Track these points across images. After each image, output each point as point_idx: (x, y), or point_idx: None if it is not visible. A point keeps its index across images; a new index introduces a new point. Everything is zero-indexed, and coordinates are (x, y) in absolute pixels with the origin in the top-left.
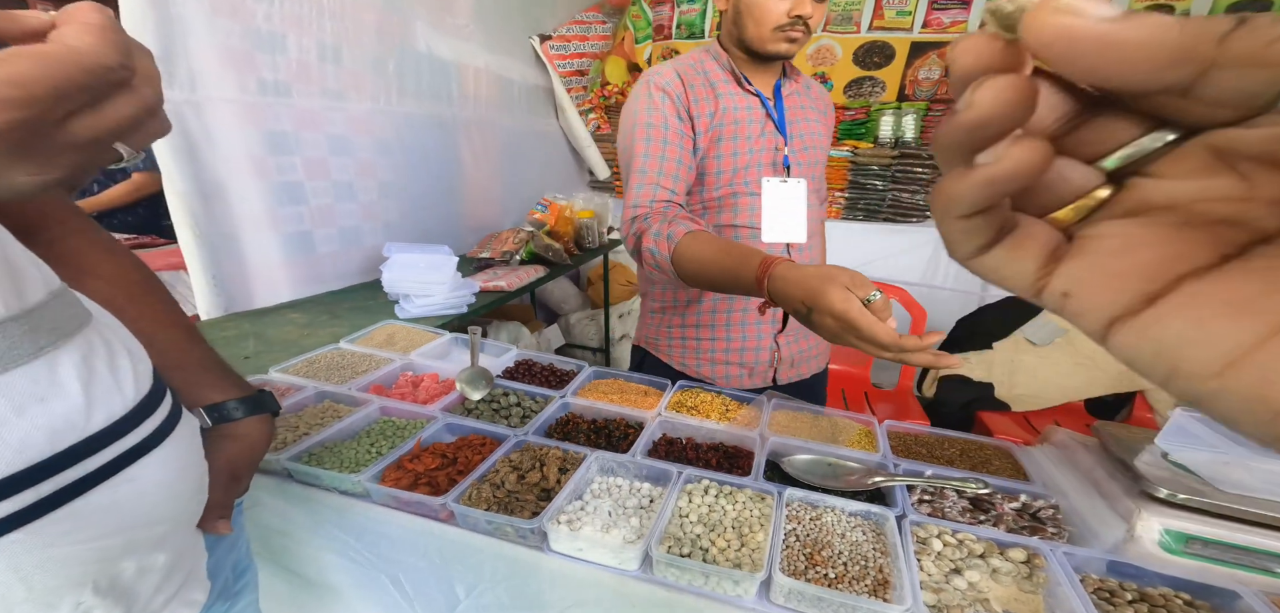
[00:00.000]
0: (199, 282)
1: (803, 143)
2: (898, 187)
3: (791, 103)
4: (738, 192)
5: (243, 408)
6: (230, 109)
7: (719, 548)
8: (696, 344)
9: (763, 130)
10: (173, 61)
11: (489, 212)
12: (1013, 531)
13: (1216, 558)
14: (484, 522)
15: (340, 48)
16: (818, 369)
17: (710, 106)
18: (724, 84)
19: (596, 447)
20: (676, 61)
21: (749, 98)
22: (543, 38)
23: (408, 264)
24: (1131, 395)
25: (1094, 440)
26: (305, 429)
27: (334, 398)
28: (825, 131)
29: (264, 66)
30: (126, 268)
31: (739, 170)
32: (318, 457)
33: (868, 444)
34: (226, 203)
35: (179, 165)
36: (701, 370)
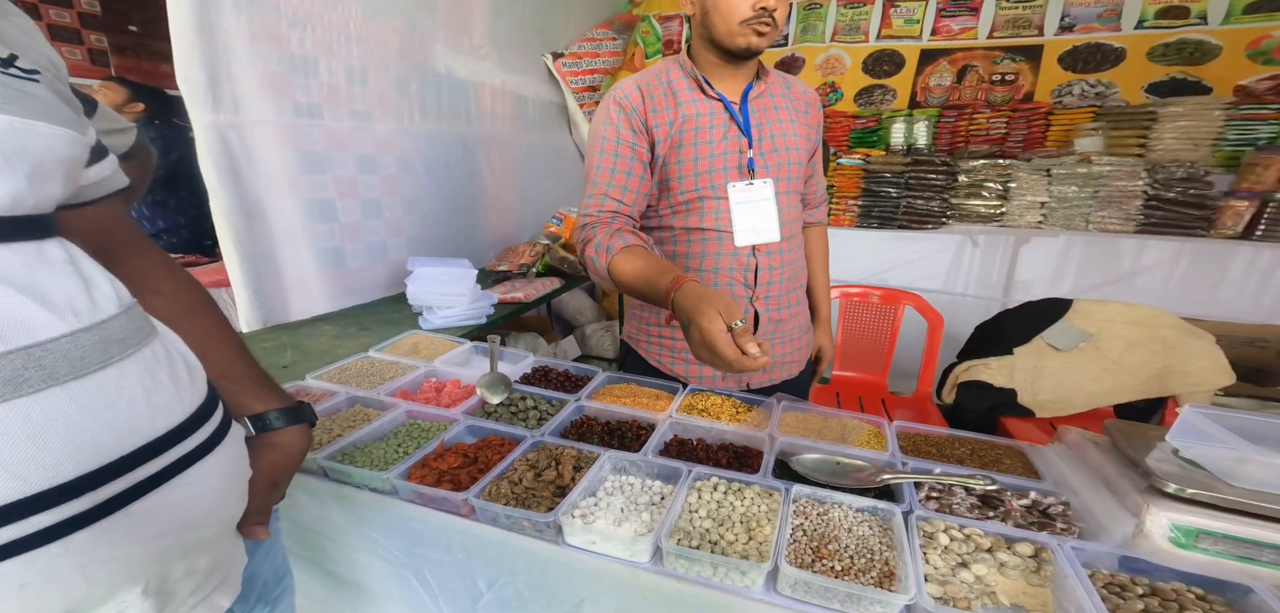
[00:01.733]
0: (242, 296)
1: (772, 144)
2: (912, 193)
3: (760, 105)
4: (703, 195)
5: (283, 418)
6: (269, 130)
7: (728, 541)
8: (671, 343)
9: (725, 134)
10: (218, 87)
11: (507, 225)
12: (1021, 526)
13: (1228, 553)
14: (503, 516)
15: (367, 71)
16: (792, 375)
17: (670, 114)
18: (686, 91)
19: (610, 447)
20: (641, 74)
21: (711, 102)
22: (556, 55)
23: (430, 277)
24: (1162, 401)
25: (1105, 439)
26: (339, 431)
27: (364, 402)
28: (803, 131)
29: (299, 90)
30: (185, 286)
31: (702, 174)
32: (350, 456)
33: (877, 444)
34: (265, 220)
35: (224, 185)
36: (675, 369)
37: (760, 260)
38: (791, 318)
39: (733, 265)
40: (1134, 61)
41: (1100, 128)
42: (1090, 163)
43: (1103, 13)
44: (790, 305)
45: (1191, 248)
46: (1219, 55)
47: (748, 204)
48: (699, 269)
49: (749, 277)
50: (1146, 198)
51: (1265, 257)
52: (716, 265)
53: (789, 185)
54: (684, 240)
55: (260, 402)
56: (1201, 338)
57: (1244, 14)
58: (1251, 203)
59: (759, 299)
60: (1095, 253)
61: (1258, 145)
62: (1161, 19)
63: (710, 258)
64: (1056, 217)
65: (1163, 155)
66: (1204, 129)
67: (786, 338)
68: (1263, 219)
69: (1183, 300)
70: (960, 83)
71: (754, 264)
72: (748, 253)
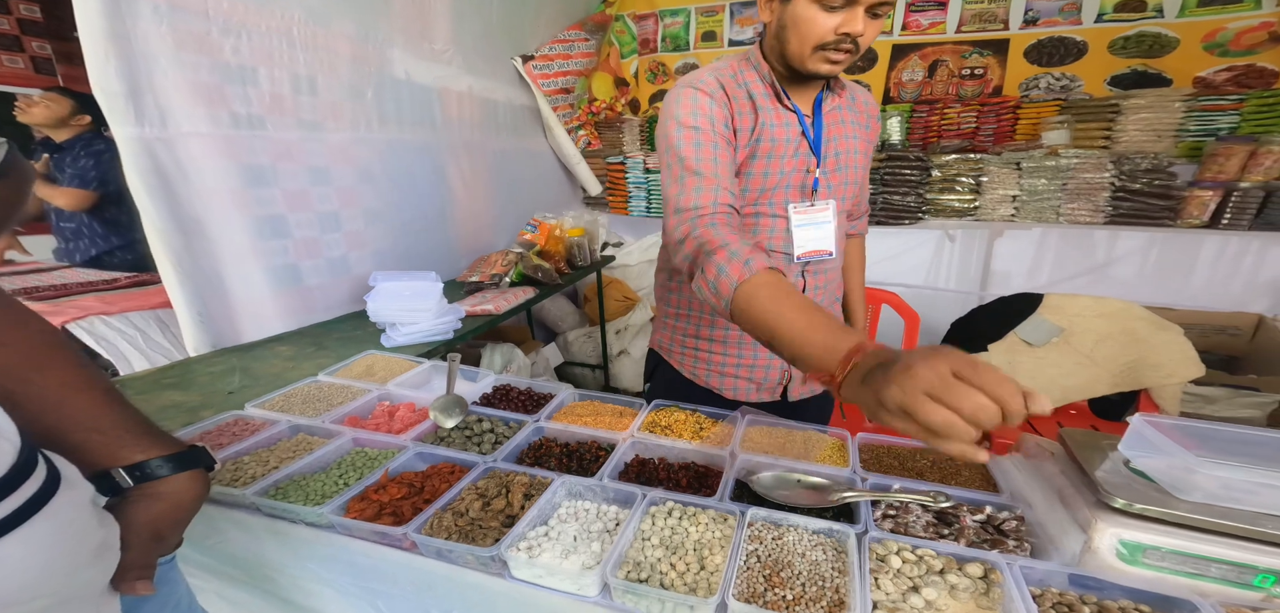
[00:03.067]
0: (185, 318)
1: (836, 161)
2: (888, 189)
3: (831, 119)
4: (762, 213)
5: (169, 466)
6: (203, 143)
7: (678, 572)
8: (708, 356)
9: (796, 151)
10: (140, 98)
11: (482, 234)
12: (974, 544)
13: (1174, 569)
14: (444, 551)
15: (315, 78)
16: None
17: (750, 120)
18: (764, 98)
19: (567, 471)
20: (716, 69)
21: (787, 114)
22: (525, 58)
23: (391, 293)
24: (1136, 395)
25: (1059, 447)
26: (276, 463)
27: (307, 431)
28: (865, 145)
29: (236, 100)
30: (33, 336)
31: (767, 190)
32: (284, 490)
33: (840, 458)
34: (207, 238)
35: (155, 202)
36: (711, 382)
37: (809, 280)
38: None
39: None
40: (1096, 54)
41: (1066, 121)
42: (1058, 156)
43: (1064, 6)
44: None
45: (1162, 238)
46: (1177, 47)
47: (808, 225)
48: None
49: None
50: (1114, 189)
51: (1233, 245)
52: None
53: (847, 205)
54: None
55: (138, 450)
56: (1170, 330)
57: (1199, 6)
58: (1216, 192)
59: None
60: (1070, 244)
61: (1218, 135)
62: (1120, 12)
63: None
64: (1028, 210)
65: (1127, 147)
66: (1165, 121)
67: None
68: (1228, 208)
69: (1156, 290)
70: (931, 78)
71: (803, 284)
72: (797, 273)
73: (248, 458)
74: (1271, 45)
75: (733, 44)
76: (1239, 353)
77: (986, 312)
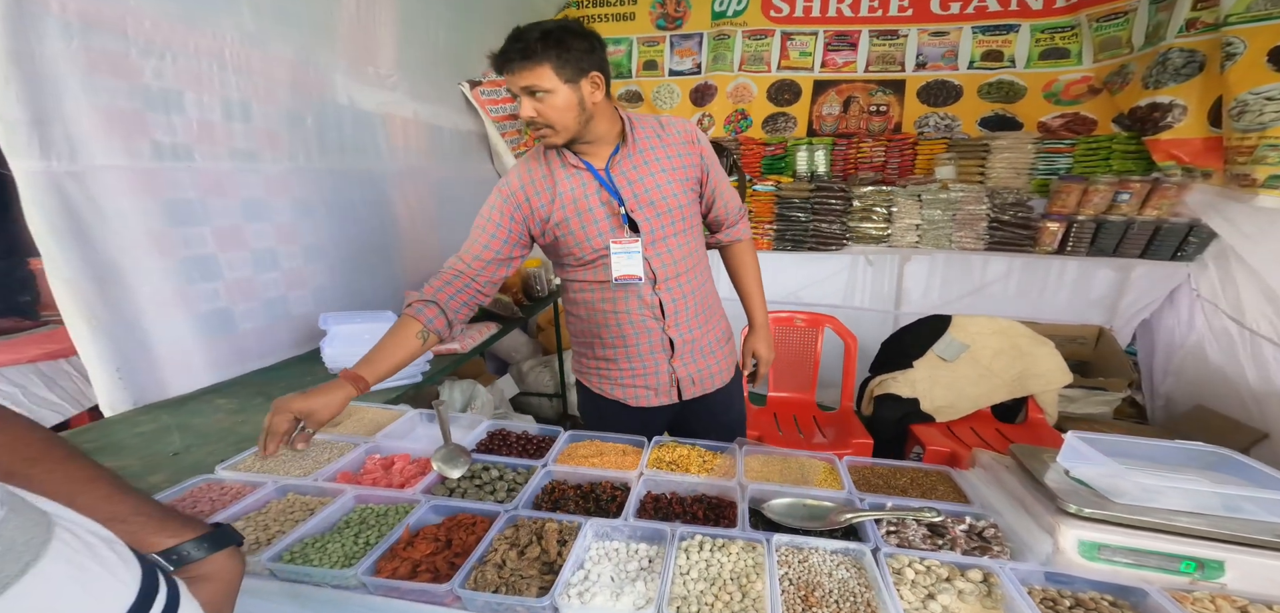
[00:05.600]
0: (99, 375)
1: (648, 198)
2: (817, 217)
3: (624, 166)
4: (599, 254)
5: (203, 547)
6: (120, 177)
7: (724, 603)
8: (607, 370)
9: (600, 199)
10: (47, 126)
11: (431, 265)
12: (967, 552)
13: (1123, 561)
14: (494, 605)
15: (248, 104)
16: (723, 382)
17: (549, 192)
18: (560, 169)
19: (587, 512)
20: (528, 157)
21: (581, 174)
22: (473, 83)
23: (350, 336)
24: (1025, 399)
25: (1011, 461)
26: (278, 528)
27: (298, 490)
28: (677, 175)
29: (158, 128)
30: (21, 431)
31: (592, 237)
32: (302, 553)
33: (833, 480)
34: (124, 286)
35: (62, 248)
36: (615, 394)
37: (663, 296)
38: (704, 335)
39: (640, 306)
40: (969, 98)
41: (952, 158)
42: (948, 189)
43: (945, 53)
44: (700, 326)
45: (1021, 262)
46: (1026, 95)
47: (621, 254)
48: (614, 310)
49: (657, 311)
50: (990, 220)
51: (1074, 268)
52: (626, 307)
53: (674, 228)
54: (596, 290)
55: (165, 536)
56: (1045, 344)
57: (1040, 60)
58: (1060, 224)
59: (670, 327)
60: (956, 268)
61: (1059, 174)
62: (985, 61)
63: (620, 301)
64: (928, 237)
65: (996, 182)
66: (1021, 160)
67: (703, 353)
68: (1070, 237)
69: (1021, 307)
70: (846, 112)
71: (658, 300)
72: (650, 291)
73: (240, 524)
74: (1090, 97)
75: (673, 73)
76: (1087, 358)
77: (910, 331)
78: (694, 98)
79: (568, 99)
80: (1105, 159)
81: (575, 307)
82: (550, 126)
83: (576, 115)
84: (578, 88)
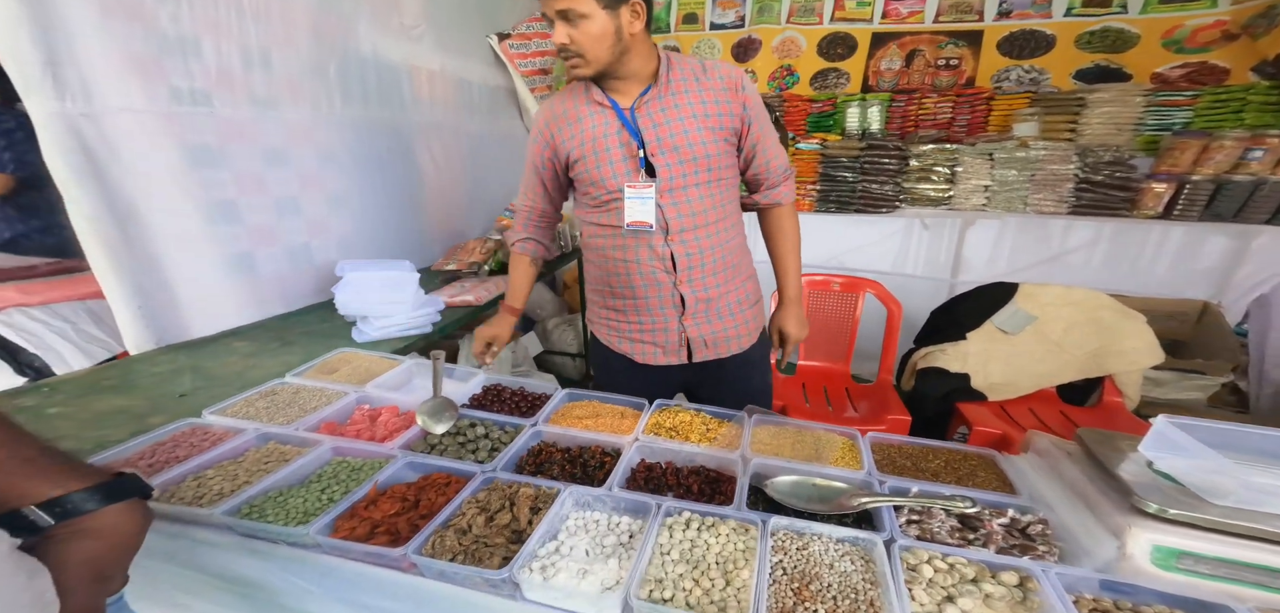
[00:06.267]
0: (122, 313)
1: (671, 142)
2: (867, 177)
3: (652, 107)
4: (613, 196)
5: (96, 498)
6: (136, 120)
7: (703, 589)
8: (616, 322)
9: (619, 140)
10: (60, 69)
11: (455, 220)
12: (1003, 550)
13: (1210, 573)
14: (448, 573)
15: (269, 52)
16: (737, 350)
17: (572, 128)
18: (585, 105)
19: (572, 479)
20: (559, 93)
21: (605, 112)
22: (501, 36)
23: (363, 283)
24: (1100, 380)
25: (1076, 447)
26: (246, 478)
27: (280, 440)
28: (709, 122)
29: (175, 74)
30: None
31: (607, 179)
32: (260, 508)
33: (851, 459)
34: (144, 225)
35: (81, 186)
36: (622, 347)
37: (676, 249)
38: (722, 297)
39: (651, 255)
40: (1063, 48)
41: (1036, 113)
42: (1028, 147)
43: (1036, 0)
44: (719, 285)
45: (1113, 228)
46: (1138, 43)
47: (635, 200)
48: (624, 258)
49: (668, 264)
50: (1078, 181)
51: (1179, 235)
52: (637, 257)
53: (697, 177)
54: (609, 235)
55: (54, 485)
56: (1134, 318)
57: (1160, 3)
58: (1169, 184)
59: (682, 283)
60: (1031, 233)
61: (1173, 130)
62: (1088, 7)
63: (631, 249)
64: (998, 199)
65: (1091, 140)
66: (1126, 115)
67: (720, 315)
68: (1180, 200)
69: (1107, 278)
70: (909, 67)
71: (670, 252)
72: (662, 242)
73: (212, 472)
74: (1225, 43)
75: (714, 27)
76: (1184, 338)
77: (966, 300)
78: (736, 53)
79: (604, 26)
80: (1237, 112)
81: (590, 252)
82: (580, 56)
83: (610, 45)
84: (617, 15)
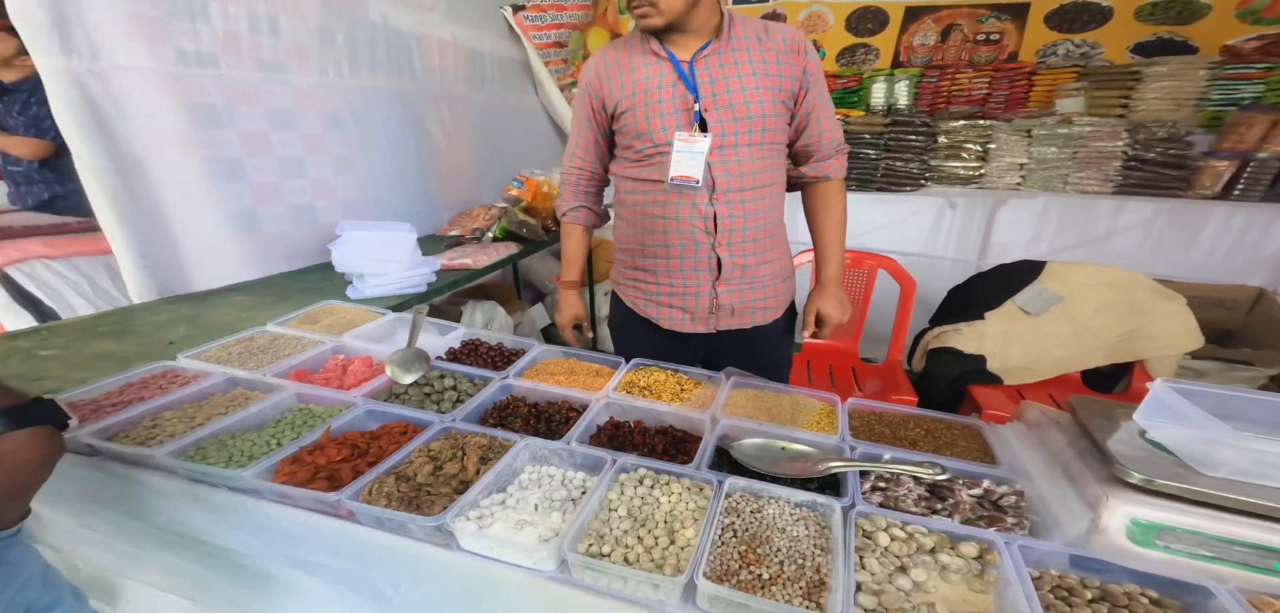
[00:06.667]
0: (126, 263)
1: (727, 99)
2: (891, 155)
3: (709, 62)
4: (660, 149)
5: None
6: (143, 79)
7: (645, 547)
8: (644, 282)
9: (674, 93)
10: (67, 28)
11: (465, 189)
12: (969, 521)
13: (1191, 551)
14: (384, 519)
15: (276, 18)
16: (763, 321)
17: (621, 77)
18: (640, 55)
19: (534, 432)
20: (611, 43)
21: (660, 63)
22: (516, 8)
23: (360, 242)
24: (1130, 366)
25: (1067, 417)
26: (202, 420)
27: (247, 385)
28: (770, 82)
29: (182, 36)
30: None
31: (655, 131)
32: (203, 450)
33: (828, 425)
34: (148, 180)
35: (86, 138)
36: (648, 311)
37: (719, 209)
38: (758, 265)
39: (692, 214)
40: (1121, 21)
41: (1083, 88)
42: (1071, 123)
43: None
44: (757, 253)
45: (1167, 208)
46: (1208, 14)
47: (684, 153)
48: (663, 215)
49: (709, 224)
50: (1126, 159)
51: (1240, 217)
52: (677, 214)
53: (750, 137)
54: (648, 191)
55: None
56: (1173, 300)
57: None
58: (1231, 163)
59: (721, 246)
60: (1072, 214)
61: (1241, 105)
62: None
63: (671, 205)
64: (1035, 178)
65: (1145, 116)
66: (1187, 89)
67: (754, 284)
68: (1242, 179)
69: (1157, 261)
70: (944, 42)
71: (712, 212)
72: (706, 200)
73: (171, 414)
74: None
75: (737, 1)
76: (1234, 327)
77: (986, 279)
78: None
79: None
80: None
81: (624, 209)
82: (652, 4)
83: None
84: None
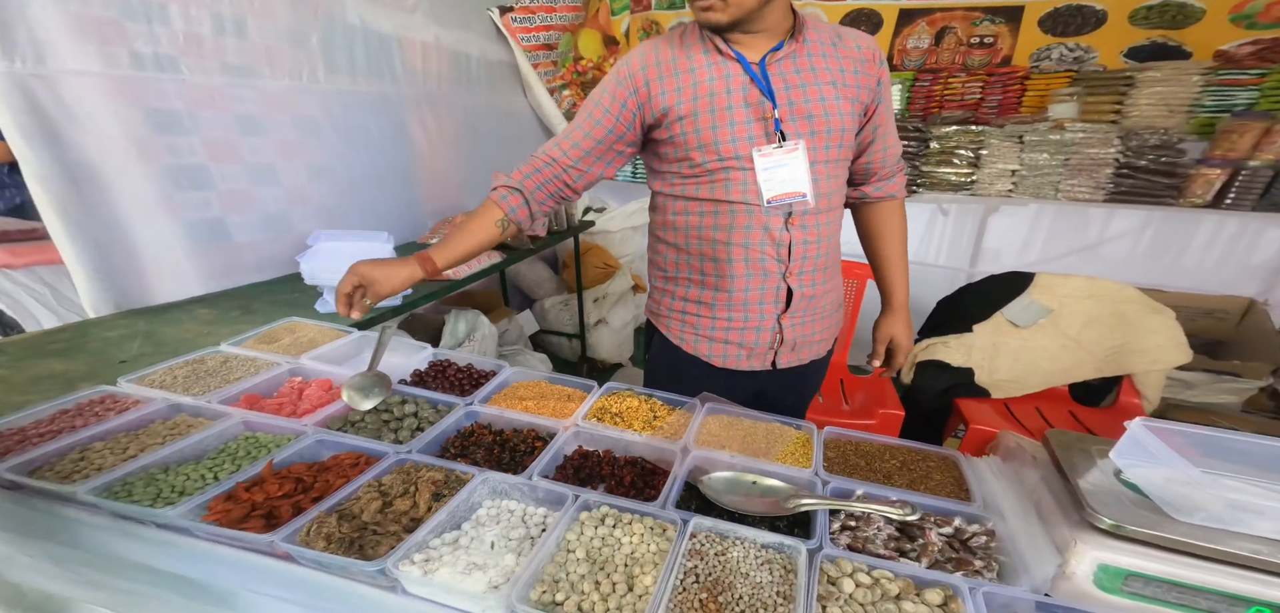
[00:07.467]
0: (78, 274)
1: (805, 110)
2: None
3: (783, 66)
4: (728, 165)
5: None
6: (94, 83)
7: (602, 594)
8: (695, 319)
9: (746, 99)
10: (9, 29)
11: (450, 195)
12: (938, 565)
13: (1158, 597)
14: (322, 563)
15: (243, 20)
16: (819, 354)
17: (678, 79)
18: (701, 54)
19: (495, 465)
20: (660, 37)
21: (728, 63)
22: (503, 9)
23: (331, 253)
24: (1118, 380)
25: (1042, 450)
26: (136, 450)
27: (190, 411)
28: (847, 94)
29: (138, 38)
30: None
31: (724, 142)
32: (129, 486)
33: (802, 456)
34: (101, 188)
35: (31, 146)
36: (698, 348)
37: (794, 235)
38: (824, 295)
39: (764, 239)
40: (1115, 25)
41: (1076, 93)
42: (1063, 129)
43: None
44: (824, 282)
45: (1159, 217)
46: (1201, 19)
47: (774, 167)
48: (728, 240)
49: (783, 252)
50: (1118, 166)
51: (1231, 226)
52: (747, 241)
53: (828, 153)
54: (709, 213)
55: None
56: (1162, 313)
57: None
58: (1223, 170)
59: (793, 275)
60: (1063, 222)
61: (1234, 111)
62: None
63: (739, 230)
64: (1027, 185)
65: (1137, 122)
66: (1180, 95)
67: (819, 315)
68: (1233, 187)
69: (1148, 270)
70: (938, 45)
71: (788, 239)
72: (781, 227)
73: (102, 445)
74: None
75: None
76: (1224, 337)
77: (973, 290)
78: None
79: None
80: None
81: (673, 232)
82: (727, 3)
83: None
84: None
